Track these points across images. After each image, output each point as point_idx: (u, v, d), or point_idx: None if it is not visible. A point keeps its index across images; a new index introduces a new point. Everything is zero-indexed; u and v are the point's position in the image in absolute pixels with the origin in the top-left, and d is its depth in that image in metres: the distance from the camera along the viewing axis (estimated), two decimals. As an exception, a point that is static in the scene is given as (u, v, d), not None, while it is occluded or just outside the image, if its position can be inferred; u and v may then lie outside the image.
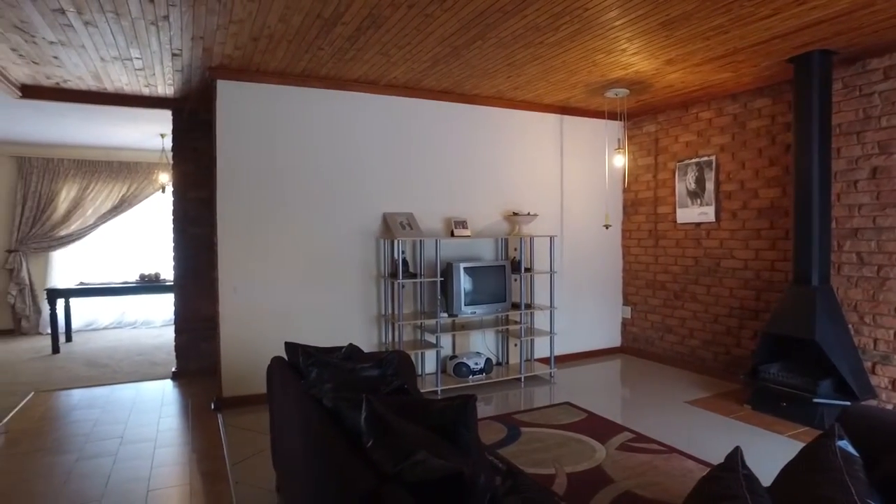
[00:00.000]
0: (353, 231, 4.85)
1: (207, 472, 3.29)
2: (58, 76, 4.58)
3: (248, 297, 4.49)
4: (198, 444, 3.73)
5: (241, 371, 4.45)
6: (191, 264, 5.43)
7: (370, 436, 1.55)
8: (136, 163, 8.25)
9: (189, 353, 5.43)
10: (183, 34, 3.67)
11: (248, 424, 4.04)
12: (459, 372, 4.91)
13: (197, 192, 5.43)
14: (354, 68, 4.43)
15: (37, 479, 3.19)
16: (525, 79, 4.75)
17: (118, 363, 6.02)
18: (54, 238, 7.92)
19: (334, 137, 4.79)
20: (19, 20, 3.41)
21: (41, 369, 5.77)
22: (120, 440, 3.79)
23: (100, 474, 3.26)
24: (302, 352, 2.38)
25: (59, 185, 7.91)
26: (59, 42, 3.78)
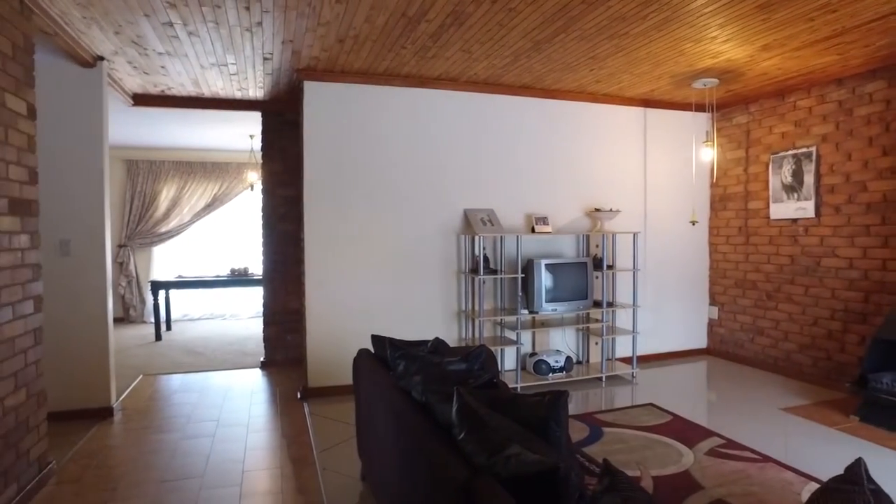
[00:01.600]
0: (434, 227, 4.91)
1: (296, 457, 3.44)
2: (163, 84, 4.92)
3: (332, 292, 4.65)
4: (286, 430, 3.91)
5: (326, 363, 4.61)
6: (278, 259, 5.69)
7: (462, 428, 1.57)
8: (227, 163, 8.73)
9: (276, 343, 5.70)
10: (274, 38, 3.84)
11: (332, 414, 4.19)
12: (539, 369, 4.86)
13: (284, 190, 5.68)
14: (436, 66, 4.48)
15: (149, 454, 3.46)
16: (607, 72, 4.63)
17: (212, 352, 6.40)
18: (156, 234, 8.53)
19: (416, 135, 4.87)
20: (136, 35, 3.70)
21: (146, 355, 6.23)
22: (216, 423, 4.03)
23: (200, 453, 3.48)
24: (389, 344, 2.44)
25: (160, 185, 8.51)
26: (166, 53, 4.06)
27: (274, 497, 2.94)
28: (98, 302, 4.14)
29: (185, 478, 3.14)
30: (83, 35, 3.72)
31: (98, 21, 3.49)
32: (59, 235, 4.01)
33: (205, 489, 3.01)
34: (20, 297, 2.81)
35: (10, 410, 2.71)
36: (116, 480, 3.11)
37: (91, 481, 3.10)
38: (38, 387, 3.03)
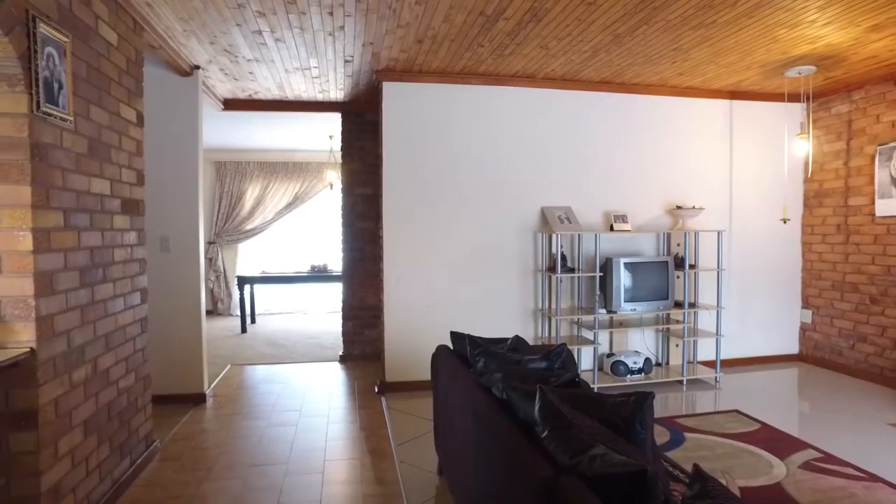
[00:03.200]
0: (511, 225, 4.90)
1: (374, 449, 3.54)
2: (251, 89, 5.18)
3: (409, 289, 4.74)
4: (364, 423, 4.02)
5: (403, 358, 4.71)
6: (357, 256, 5.85)
7: (545, 426, 1.57)
8: (307, 163, 9.07)
9: (354, 338, 5.87)
10: (355, 41, 3.95)
11: (408, 408, 4.28)
12: (617, 370, 4.75)
13: (363, 189, 5.84)
14: (513, 63, 4.46)
15: (239, 439, 3.67)
16: (691, 63, 4.44)
17: (293, 345, 6.68)
18: (242, 231, 8.99)
19: (493, 132, 4.87)
20: (228, 44, 3.92)
21: (233, 346, 6.59)
22: (299, 413, 4.21)
23: (285, 441, 3.65)
24: (469, 341, 2.46)
25: (246, 184, 8.96)
26: (254, 59, 4.28)
27: (354, 486, 3.03)
28: (192, 295, 4.42)
29: (272, 463, 3.30)
30: (183, 47, 3.98)
31: (196, 33, 3.72)
32: (160, 233, 4.31)
33: (289, 475, 3.15)
34: (130, 290, 3.06)
35: (123, 391, 2.95)
36: (212, 461, 3.31)
37: (189, 461, 3.33)
38: (144, 371, 3.28)
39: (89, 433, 2.58)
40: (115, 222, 2.89)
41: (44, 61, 2.22)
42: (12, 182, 2.12)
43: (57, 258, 2.32)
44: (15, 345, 2.15)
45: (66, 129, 2.41)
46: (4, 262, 2.13)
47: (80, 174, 2.54)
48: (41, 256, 2.20)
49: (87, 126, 2.60)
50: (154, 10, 3.32)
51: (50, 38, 2.28)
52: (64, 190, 2.39)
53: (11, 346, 2.15)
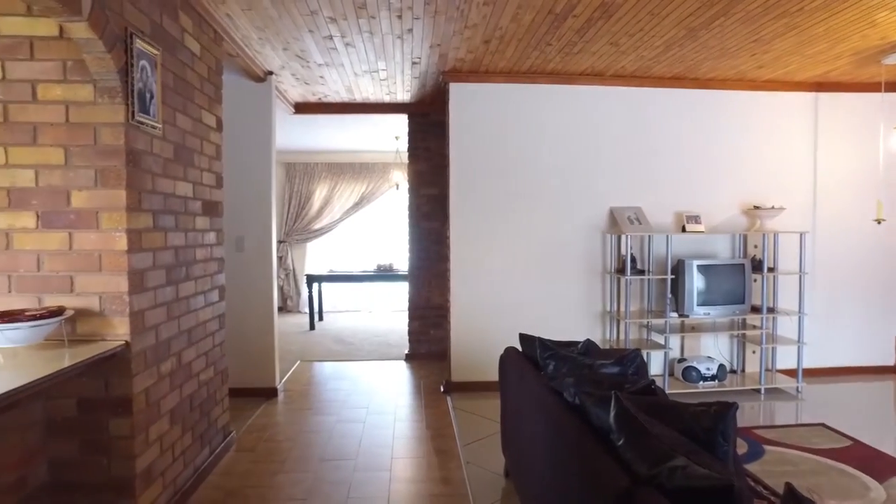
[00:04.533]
0: (578, 225, 4.82)
1: (440, 449, 3.56)
2: (320, 93, 5.33)
3: (476, 289, 4.74)
4: (430, 422, 4.05)
5: (469, 358, 4.72)
6: (423, 256, 5.91)
7: (621, 434, 1.53)
8: (373, 163, 9.24)
9: (420, 337, 5.93)
10: (422, 43, 3.99)
11: (474, 409, 4.28)
12: (689, 377, 4.58)
13: (429, 190, 5.89)
14: (581, 61, 4.38)
15: (309, 433, 3.79)
16: (773, 55, 4.21)
17: (360, 342, 6.83)
18: (310, 231, 9.27)
19: (560, 132, 4.80)
20: (300, 50, 4.05)
21: (302, 342, 6.80)
22: (366, 410, 4.29)
23: (354, 436, 3.74)
24: (539, 344, 2.44)
25: (314, 185, 9.23)
26: (325, 64, 4.39)
27: (420, 485, 3.06)
28: (265, 293, 4.60)
29: (342, 458, 3.38)
30: (258, 54, 4.14)
31: (271, 40, 3.86)
32: (235, 233, 4.50)
33: (358, 471, 3.22)
34: (209, 287, 3.21)
35: (204, 384, 3.11)
36: (284, 454, 3.44)
37: (264, 452, 3.46)
38: (222, 365, 3.44)
39: (174, 422, 2.73)
40: (196, 223, 3.04)
41: (138, 73, 2.37)
42: (111, 186, 2.27)
43: (147, 257, 2.47)
44: (112, 337, 2.31)
45: (155, 136, 2.56)
46: (103, 260, 2.28)
47: (167, 178, 2.69)
48: (134, 256, 2.35)
49: (173, 132, 2.75)
50: (233, 20, 3.47)
51: (144, 52, 2.43)
52: (153, 193, 2.54)
53: (109, 338, 2.30)
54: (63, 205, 2.29)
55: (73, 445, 2.32)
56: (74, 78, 2.26)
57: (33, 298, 2.29)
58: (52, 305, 2.21)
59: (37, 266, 2.29)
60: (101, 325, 2.31)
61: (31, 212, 2.28)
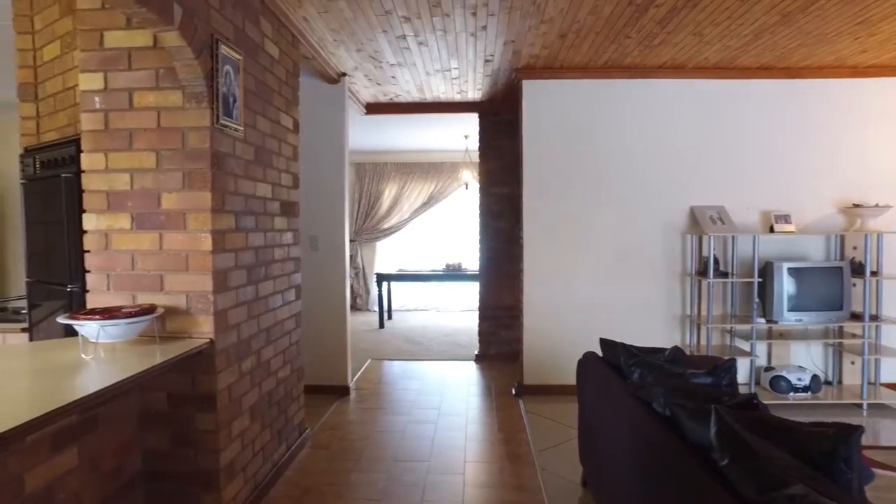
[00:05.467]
0: (656, 225, 4.61)
1: (513, 454, 3.49)
2: (392, 93, 5.36)
3: (549, 290, 4.63)
4: (502, 425, 3.98)
5: (542, 361, 4.62)
6: (493, 256, 5.84)
7: (724, 453, 1.41)
8: (442, 163, 9.25)
9: (490, 338, 5.87)
10: (496, 40, 3.92)
11: (548, 413, 4.17)
12: (777, 387, 4.28)
13: (500, 188, 5.82)
14: (661, 54, 4.18)
15: (382, 433, 3.81)
16: (880, 38, 3.86)
17: (429, 342, 6.84)
18: (379, 230, 9.39)
19: (636, 128, 4.61)
20: (373, 50, 4.07)
21: (372, 340, 6.89)
22: (438, 411, 4.27)
23: (426, 437, 3.72)
24: (623, 350, 2.32)
25: (383, 185, 9.35)
26: (397, 63, 4.41)
27: (495, 491, 3.00)
28: (338, 292, 4.66)
29: (414, 460, 3.37)
30: (332, 56, 4.20)
31: (345, 42, 3.91)
32: (309, 232, 4.59)
33: (431, 473, 3.19)
34: (286, 287, 3.28)
35: (281, 382, 3.17)
36: (358, 453, 3.46)
37: (338, 450, 3.50)
38: (298, 363, 3.51)
39: (255, 418, 2.80)
40: (275, 223, 3.10)
41: (223, 78, 2.43)
42: (197, 188, 2.35)
43: (230, 257, 2.53)
44: (198, 335, 2.38)
45: (237, 138, 2.62)
46: (190, 260, 2.36)
47: (248, 179, 2.75)
48: (218, 256, 2.41)
49: (254, 135, 2.82)
50: (309, 23, 3.53)
51: (228, 58, 2.49)
52: (235, 194, 2.60)
53: (195, 335, 2.38)
54: (154, 206, 2.38)
55: (163, 437, 2.41)
56: (165, 85, 2.35)
57: (128, 296, 2.40)
58: (145, 303, 2.30)
59: (131, 265, 2.40)
60: (187, 323, 2.39)
61: (127, 213, 2.39)
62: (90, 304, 2.41)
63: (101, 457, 2.15)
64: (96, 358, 2.07)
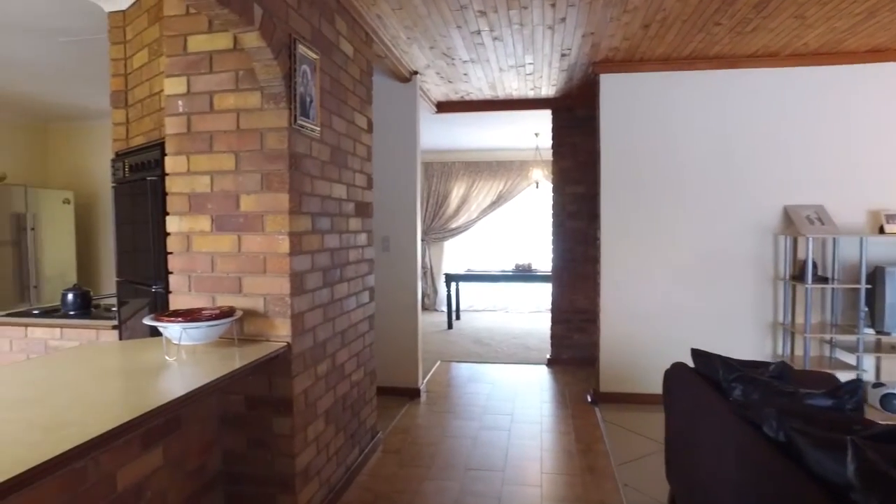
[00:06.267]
0: (745, 226, 4.29)
1: (592, 466, 3.31)
2: (463, 90, 5.27)
3: (627, 293, 4.40)
4: (579, 434, 3.81)
5: (619, 368, 4.40)
6: (567, 257, 5.65)
7: (870, 496, 1.21)
8: (511, 161, 9.08)
9: (562, 342, 5.68)
10: (575, 32, 3.75)
11: (627, 423, 3.96)
12: (889, 405, 3.88)
13: (574, 187, 5.61)
14: (753, 41, 3.87)
15: (453, 438, 3.72)
16: None
17: (498, 344, 6.71)
18: (447, 230, 9.34)
19: (723, 122, 4.31)
20: (446, 47, 4.00)
21: (441, 341, 6.83)
22: (510, 417, 4.14)
23: (498, 446, 3.60)
24: (722, 363, 2.12)
25: (451, 184, 9.29)
26: (470, 60, 4.31)
27: (574, 505, 2.85)
28: (409, 292, 4.62)
29: (488, 469, 3.26)
30: (405, 54, 4.16)
31: (418, 39, 3.85)
32: (381, 233, 4.57)
33: (507, 484, 3.08)
34: (361, 289, 3.25)
35: (355, 385, 3.15)
36: (429, 459, 3.39)
37: (409, 456, 3.45)
38: (371, 366, 3.48)
39: (329, 422, 2.78)
40: (349, 224, 3.07)
41: (300, 78, 2.41)
42: (274, 190, 2.33)
43: (306, 260, 2.51)
44: (275, 338, 2.37)
45: (314, 139, 2.60)
46: (268, 262, 2.35)
47: (324, 180, 2.73)
48: (295, 258, 2.39)
49: (330, 135, 2.79)
50: (383, 21, 3.49)
51: (305, 57, 2.47)
52: (312, 196, 2.58)
53: (272, 338, 2.37)
54: (233, 208, 2.39)
55: (241, 439, 2.42)
56: (245, 86, 2.35)
57: (208, 298, 2.42)
58: (224, 306, 2.31)
59: (211, 267, 2.42)
60: (264, 326, 2.38)
61: (207, 215, 2.41)
62: (173, 304, 2.45)
63: (184, 456, 2.17)
64: (179, 360, 2.08)
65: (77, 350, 2.33)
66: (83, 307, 3.45)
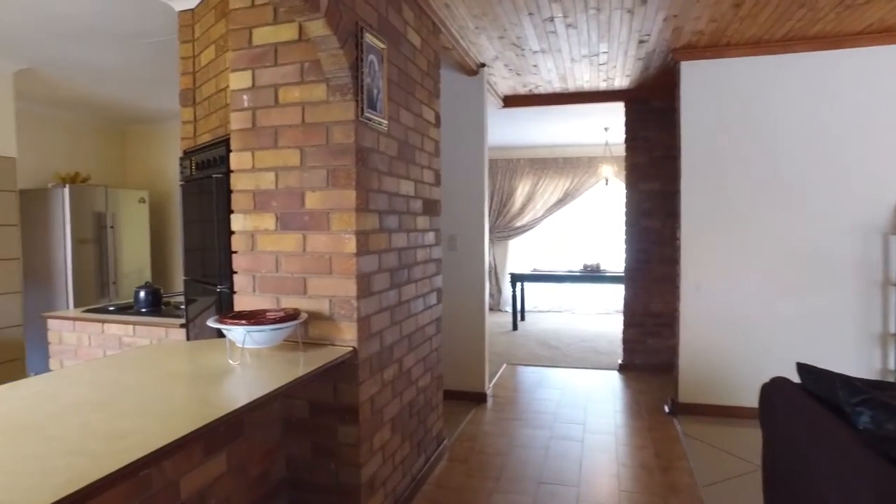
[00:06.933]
0: (846, 225, 3.87)
1: (676, 486, 3.04)
2: (532, 83, 5.05)
3: (711, 298, 4.06)
4: (658, 449, 3.53)
5: (700, 377, 4.07)
6: (641, 258, 5.33)
7: None
8: (578, 157, 8.76)
9: (635, 346, 5.37)
10: (655, 16, 3.47)
11: (710, 438, 3.65)
12: None
13: (648, 184, 5.29)
14: (865, 16, 3.47)
15: (522, 448, 3.53)
16: None
17: (566, 347, 6.45)
18: (511, 228, 9.12)
19: (823, 109, 3.90)
20: (516, 37, 3.80)
21: (506, 343, 6.63)
22: (582, 427, 3.91)
23: (571, 458, 3.38)
24: (842, 383, 1.83)
25: (516, 182, 9.06)
26: (540, 51, 4.10)
27: (658, 530, 2.61)
28: (476, 293, 4.46)
29: (561, 483, 3.05)
30: (472, 45, 3.99)
31: (487, 29, 3.67)
32: (448, 231, 4.43)
33: (583, 501, 2.86)
34: (428, 290, 3.11)
35: (421, 391, 3.01)
36: (498, 470, 3.21)
37: (476, 465, 3.28)
38: (438, 371, 3.34)
39: (395, 430, 2.65)
40: (417, 223, 2.94)
41: (367, 69, 2.29)
42: (341, 186, 2.22)
43: (373, 260, 2.39)
44: (340, 342, 2.26)
45: (381, 132, 2.47)
46: (334, 262, 2.24)
47: (392, 176, 2.60)
48: (361, 258, 2.27)
49: (397, 129, 2.66)
50: (451, 10, 3.33)
51: (372, 47, 2.35)
52: (379, 192, 2.46)
53: (338, 342, 2.26)
54: (298, 206, 2.29)
55: (305, 446, 2.33)
56: (310, 78, 2.25)
57: (272, 299, 2.34)
58: (289, 308, 2.22)
59: (275, 267, 2.33)
60: (329, 329, 2.27)
61: (272, 213, 2.33)
62: (237, 305, 2.39)
63: (247, 462, 2.10)
64: (242, 363, 2.00)
65: (144, 352, 2.30)
66: (154, 304, 3.49)
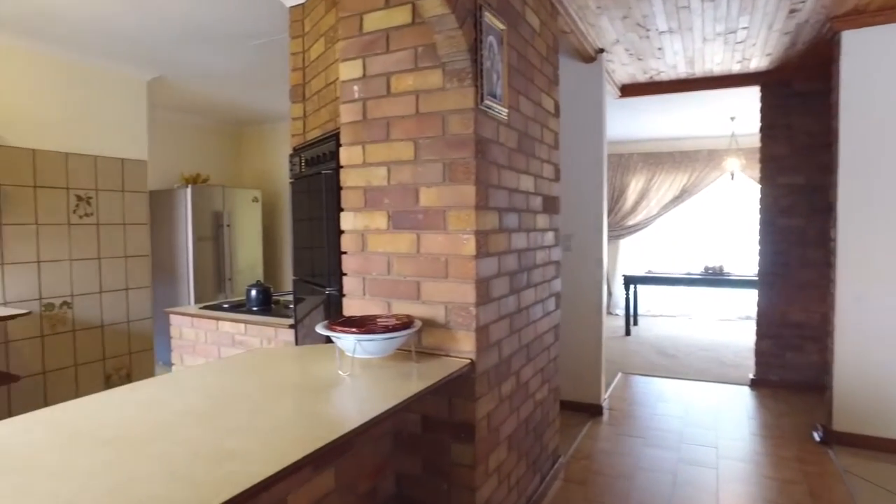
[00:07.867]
0: None
1: (840, 531, 2.57)
2: (653, 69, 4.61)
3: (875, 312, 3.45)
4: (813, 487, 3.02)
5: (861, 403, 3.48)
6: (779, 261, 4.71)
7: None
8: (697, 151, 8.08)
9: (771, 360, 4.76)
10: (815, -20, 2.97)
11: (882, 479, 3.08)
12: None
13: (788, 178, 4.67)
14: None
15: (647, 472, 3.16)
16: None
17: (685, 356, 5.91)
18: (623, 227, 8.58)
19: None
20: (641, 16, 3.44)
21: (619, 350, 6.19)
22: (715, 451, 3.46)
23: (706, 488, 2.98)
24: None
25: (628, 178, 8.52)
26: (668, 30, 3.69)
27: (826, 588, 2.17)
28: (593, 297, 4.13)
29: (698, 519, 2.68)
30: (591, 28, 3.67)
31: (609, 9, 3.34)
32: (563, 231, 4.11)
33: (726, 543, 2.47)
34: (547, 295, 2.84)
35: (538, 405, 2.75)
36: (623, 497, 2.88)
37: (596, 489, 2.97)
38: (555, 382, 3.06)
39: (511, 448, 2.41)
40: (537, 222, 2.68)
41: (486, 51, 2.06)
42: (458, 182, 2.01)
43: (493, 263, 2.16)
44: (455, 353, 2.06)
45: (501, 122, 2.24)
46: (450, 265, 2.04)
47: (511, 171, 2.36)
48: (481, 261, 2.05)
49: (517, 119, 2.42)
50: (571, -11, 3.04)
51: (492, 27, 2.12)
52: (498, 188, 2.23)
53: (453, 353, 2.06)
54: (411, 203, 2.11)
55: (416, 463, 2.15)
56: (424, 64, 2.06)
57: (383, 303, 2.18)
58: (401, 314, 2.04)
59: (387, 269, 2.17)
60: (444, 339, 2.08)
61: (383, 211, 2.17)
62: (346, 309, 2.26)
63: (356, 479, 1.95)
64: (353, 374, 1.85)
65: (254, 357, 2.22)
66: (264, 303, 3.49)
